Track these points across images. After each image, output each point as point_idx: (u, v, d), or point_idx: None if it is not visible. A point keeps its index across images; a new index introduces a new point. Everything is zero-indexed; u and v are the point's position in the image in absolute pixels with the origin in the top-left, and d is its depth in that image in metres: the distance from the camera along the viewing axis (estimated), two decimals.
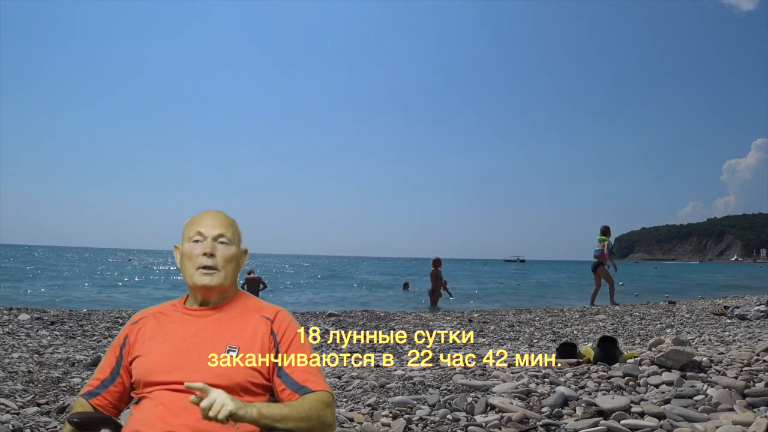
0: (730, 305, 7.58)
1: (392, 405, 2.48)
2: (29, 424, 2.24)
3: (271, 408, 1.20)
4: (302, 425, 1.22)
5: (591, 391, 2.57)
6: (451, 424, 2.25)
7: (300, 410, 1.23)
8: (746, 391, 2.36)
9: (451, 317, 7.20)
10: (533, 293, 18.47)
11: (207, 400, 1.11)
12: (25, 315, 5.67)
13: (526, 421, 2.24)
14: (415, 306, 12.14)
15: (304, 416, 1.23)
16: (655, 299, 11.66)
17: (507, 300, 13.64)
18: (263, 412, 1.17)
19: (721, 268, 79.44)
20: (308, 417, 1.23)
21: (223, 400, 1.12)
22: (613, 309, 8.30)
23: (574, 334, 5.45)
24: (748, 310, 6.16)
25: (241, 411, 1.13)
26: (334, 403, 1.34)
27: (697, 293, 15.50)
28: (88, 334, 4.89)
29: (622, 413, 2.23)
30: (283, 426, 1.19)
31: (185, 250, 1.39)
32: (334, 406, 1.32)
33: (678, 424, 2.12)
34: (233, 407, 1.12)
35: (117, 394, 1.38)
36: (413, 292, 18.01)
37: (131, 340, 1.38)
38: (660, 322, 6.33)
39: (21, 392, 2.74)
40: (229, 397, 1.14)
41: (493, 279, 30.11)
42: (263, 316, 1.38)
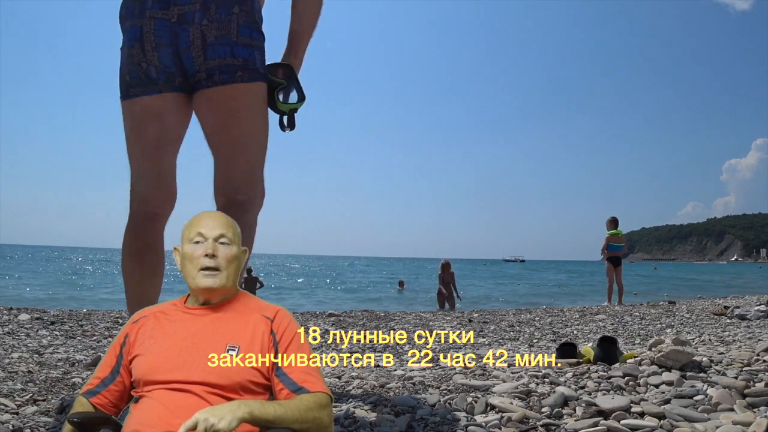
0: (730, 305, 7.57)
1: (393, 404, 2.49)
2: (29, 424, 2.24)
3: (265, 409, 1.18)
4: (296, 426, 1.20)
5: (591, 391, 2.57)
6: (451, 424, 2.25)
7: (295, 411, 1.21)
8: (746, 391, 2.36)
9: (451, 317, 7.20)
10: (536, 293, 18.47)
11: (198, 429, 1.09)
12: (25, 315, 5.67)
13: (526, 421, 2.24)
14: (410, 305, 12.17)
15: (299, 418, 1.21)
16: (655, 299, 11.66)
17: (507, 300, 13.64)
18: (255, 414, 1.15)
19: (721, 268, 79.40)
20: (303, 419, 1.21)
21: (205, 421, 1.09)
22: (613, 309, 8.30)
23: (574, 334, 5.45)
24: (748, 310, 6.16)
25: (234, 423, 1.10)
26: (332, 404, 1.33)
27: (697, 293, 15.50)
28: (88, 334, 4.89)
29: (622, 413, 2.23)
30: (278, 425, 1.18)
31: (186, 252, 1.38)
32: (331, 408, 1.31)
33: (678, 424, 2.12)
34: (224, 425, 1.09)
35: (117, 393, 1.37)
36: (408, 290, 18.07)
37: (131, 339, 1.38)
38: (660, 322, 6.33)
39: (20, 392, 2.74)
40: (210, 414, 1.10)
41: (494, 279, 30.09)
42: (263, 316, 1.37)
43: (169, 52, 1.75)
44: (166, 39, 1.74)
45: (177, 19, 1.73)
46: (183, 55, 1.75)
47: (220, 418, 1.10)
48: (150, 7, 1.73)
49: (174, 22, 1.73)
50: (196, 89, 1.82)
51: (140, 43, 1.77)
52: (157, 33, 1.74)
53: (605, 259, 10.01)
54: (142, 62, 1.79)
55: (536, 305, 11.17)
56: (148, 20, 1.74)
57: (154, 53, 1.76)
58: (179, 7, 1.71)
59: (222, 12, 1.73)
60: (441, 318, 7.05)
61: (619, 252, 9.99)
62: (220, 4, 1.73)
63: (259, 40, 1.84)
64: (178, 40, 1.74)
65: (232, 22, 1.74)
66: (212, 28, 1.72)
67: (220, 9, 1.72)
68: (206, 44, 1.73)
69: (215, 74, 1.76)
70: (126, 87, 1.88)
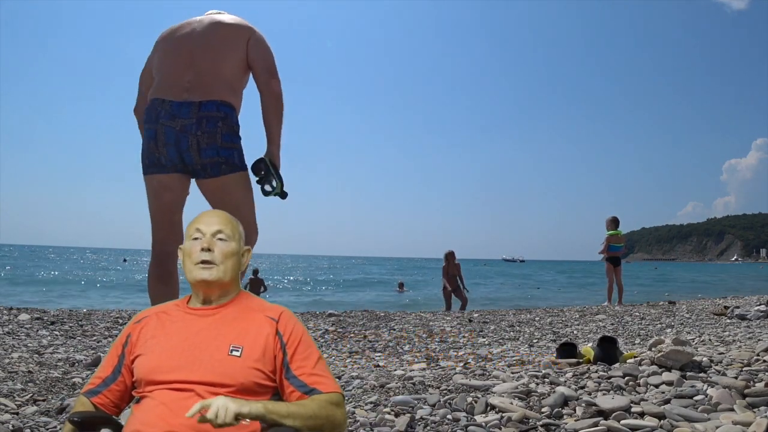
0: (730, 305, 7.57)
1: (393, 404, 2.48)
2: (29, 424, 2.24)
3: (277, 404, 1.21)
4: (310, 423, 1.22)
5: (591, 391, 2.57)
6: (451, 424, 2.25)
7: (308, 408, 1.23)
8: (746, 391, 2.37)
9: (451, 317, 7.20)
10: (536, 294, 18.48)
11: (210, 411, 1.11)
12: (25, 315, 5.66)
13: (526, 421, 2.24)
14: (410, 305, 12.08)
15: (312, 414, 1.23)
16: (655, 299, 11.66)
17: (507, 300, 13.65)
18: (269, 408, 1.18)
19: (721, 268, 79.40)
20: (316, 416, 1.23)
21: (225, 404, 1.12)
22: (613, 309, 8.30)
23: (574, 334, 5.45)
24: (748, 310, 6.16)
25: (245, 409, 1.14)
26: (344, 404, 1.34)
27: (697, 293, 15.51)
28: (88, 334, 4.88)
29: (622, 413, 2.23)
30: (290, 423, 1.19)
31: (185, 248, 1.41)
32: (344, 406, 1.32)
33: (678, 424, 2.12)
34: (236, 408, 1.13)
35: (118, 392, 1.38)
36: (407, 292, 18.04)
37: (133, 339, 1.38)
38: (660, 322, 6.33)
39: (20, 392, 2.74)
40: (229, 399, 1.14)
41: (494, 279, 30.09)
42: (267, 317, 1.38)
43: (174, 150, 2.51)
44: (172, 141, 2.50)
45: (180, 128, 2.49)
46: (184, 154, 2.51)
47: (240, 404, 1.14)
48: (162, 117, 2.51)
49: (178, 130, 2.49)
50: (195, 177, 2.60)
51: (155, 141, 2.54)
52: (167, 136, 2.50)
53: (605, 259, 10.01)
54: (155, 153, 2.55)
55: (536, 305, 11.17)
56: (160, 126, 2.51)
57: (164, 149, 2.52)
58: (181, 120, 2.48)
59: (210, 126, 2.50)
60: (441, 318, 7.04)
61: (619, 252, 9.96)
62: (210, 120, 2.49)
63: (237, 143, 2.59)
64: (180, 143, 2.50)
65: (218, 133, 2.51)
66: (204, 137, 2.48)
67: (209, 123, 2.49)
68: (200, 148, 2.49)
69: (207, 168, 2.53)
70: (145, 166, 2.62)
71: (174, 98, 2.51)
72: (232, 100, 2.57)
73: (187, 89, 2.51)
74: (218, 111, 2.50)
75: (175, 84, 2.54)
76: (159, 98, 2.54)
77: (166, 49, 2.66)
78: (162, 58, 2.66)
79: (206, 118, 2.47)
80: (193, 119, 2.47)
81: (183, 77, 2.54)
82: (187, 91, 2.51)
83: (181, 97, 2.50)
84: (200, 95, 2.50)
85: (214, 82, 2.54)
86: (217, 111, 2.50)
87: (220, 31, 2.63)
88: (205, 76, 2.54)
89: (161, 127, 2.49)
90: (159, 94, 2.55)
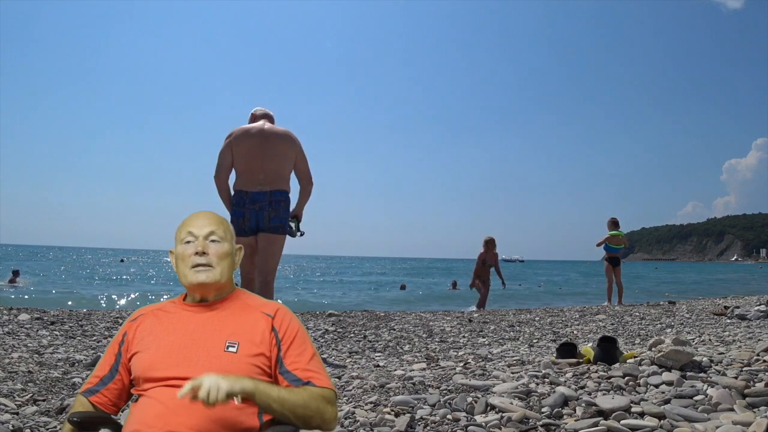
0: (730, 305, 7.58)
1: (393, 404, 2.48)
2: (29, 424, 2.24)
3: (270, 386, 1.22)
4: (299, 411, 1.23)
5: (591, 391, 2.57)
6: (451, 424, 2.25)
7: (299, 397, 1.24)
8: (746, 391, 2.36)
9: (451, 317, 7.20)
10: (536, 293, 18.47)
11: (202, 391, 1.12)
12: (25, 315, 5.66)
13: (526, 421, 2.24)
14: (410, 305, 12.10)
15: (302, 404, 1.23)
16: (655, 299, 11.66)
17: (508, 300, 13.64)
18: (260, 388, 1.19)
19: (721, 268, 79.40)
20: (306, 406, 1.24)
21: (216, 382, 1.13)
22: (613, 309, 8.30)
23: (574, 334, 5.45)
24: (748, 310, 6.16)
25: (237, 387, 1.15)
26: (336, 402, 1.34)
27: (697, 293, 15.51)
28: (88, 334, 4.88)
29: (622, 413, 2.23)
30: (279, 407, 1.21)
31: (178, 252, 1.41)
32: (335, 404, 1.32)
33: (678, 424, 2.12)
34: (227, 387, 1.13)
35: (116, 391, 1.38)
36: (408, 292, 18.07)
37: (130, 337, 1.39)
38: (660, 322, 6.33)
39: (20, 392, 2.74)
40: (220, 377, 1.14)
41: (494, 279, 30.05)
42: (263, 313, 1.38)
43: (254, 222, 4.03)
44: (252, 217, 4.03)
45: (258, 209, 4.02)
46: (261, 223, 4.03)
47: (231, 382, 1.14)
48: (247, 203, 4.02)
49: (257, 209, 4.02)
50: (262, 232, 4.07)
51: (242, 218, 4.03)
52: (250, 215, 4.02)
53: (605, 259, 10.02)
54: (242, 224, 4.02)
55: (536, 305, 11.17)
56: (246, 210, 4.03)
57: (248, 223, 4.02)
58: (259, 204, 4.01)
59: (276, 205, 4.05)
60: (441, 318, 7.05)
61: (618, 253, 9.98)
62: (277, 202, 4.04)
63: (287, 217, 4.13)
64: (258, 218, 4.03)
65: (281, 209, 4.07)
66: (273, 212, 4.03)
67: (276, 204, 4.04)
68: (270, 217, 4.03)
69: (272, 229, 4.06)
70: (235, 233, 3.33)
71: (253, 190, 4.03)
72: (287, 188, 4.15)
73: (260, 183, 4.03)
74: (281, 196, 4.08)
75: (252, 180, 4.04)
76: (243, 190, 4.05)
77: (243, 153, 4.07)
78: (240, 160, 4.09)
79: (275, 200, 4.05)
80: (266, 202, 4.02)
81: (257, 176, 4.04)
82: (260, 184, 4.03)
83: (257, 189, 4.03)
84: (270, 187, 4.04)
85: (277, 179, 4.07)
86: (281, 196, 4.08)
87: (279, 147, 4.09)
88: (271, 174, 4.06)
89: (247, 211, 4.02)
90: (243, 187, 4.06)
